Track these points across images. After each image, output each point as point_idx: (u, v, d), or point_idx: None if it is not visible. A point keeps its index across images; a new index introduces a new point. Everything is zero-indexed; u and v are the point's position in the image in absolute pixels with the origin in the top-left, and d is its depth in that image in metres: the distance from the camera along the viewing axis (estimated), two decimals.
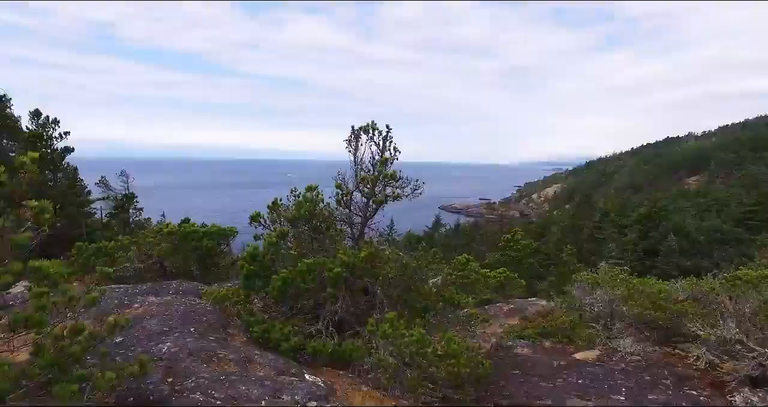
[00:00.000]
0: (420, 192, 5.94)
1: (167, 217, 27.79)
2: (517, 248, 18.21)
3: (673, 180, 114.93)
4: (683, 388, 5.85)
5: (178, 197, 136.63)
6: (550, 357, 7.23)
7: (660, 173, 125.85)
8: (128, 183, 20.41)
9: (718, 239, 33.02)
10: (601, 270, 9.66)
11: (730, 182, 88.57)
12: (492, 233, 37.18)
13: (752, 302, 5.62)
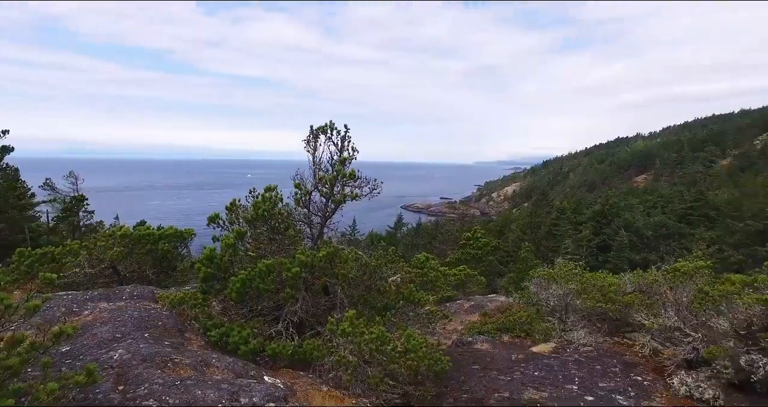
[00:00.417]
0: (378, 192, 5.98)
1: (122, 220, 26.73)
2: (478, 246, 18.58)
3: (623, 178, 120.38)
4: (630, 375, 6.17)
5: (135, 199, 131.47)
6: (508, 351, 7.44)
7: (611, 171, 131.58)
8: (77, 185, 19.44)
9: (664, 234, 34.83)
10: (557, 266, 10.01)
11: (673, 180, 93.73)
12: (453, 232, 37.72)
13: (689, 292, 5.99)
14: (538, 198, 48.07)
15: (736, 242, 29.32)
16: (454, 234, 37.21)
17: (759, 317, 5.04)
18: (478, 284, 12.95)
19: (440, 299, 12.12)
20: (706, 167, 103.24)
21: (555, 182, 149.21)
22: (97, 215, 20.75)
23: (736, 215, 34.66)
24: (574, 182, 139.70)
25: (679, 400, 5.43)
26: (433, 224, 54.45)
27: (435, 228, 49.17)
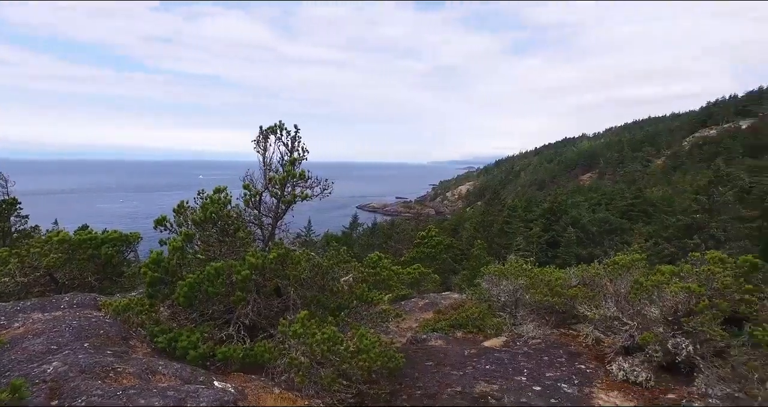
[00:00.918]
0: (329, 192, 5.96)
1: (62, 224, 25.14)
2: (432, 244, 18.87)
3: (570, 177, 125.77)
4: (574, 363, 6.47)
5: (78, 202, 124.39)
6: (461, 347, 7.62)
7: (560, 170, 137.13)
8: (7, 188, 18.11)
9: (607, 229, 36.70)
10: (508, 263, 10.34)
11: (616, 179, 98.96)
12: (408, 231, 38.11)
13: (626, 283, 6.36)
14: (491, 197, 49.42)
15: (669, 235, 31.29)
16: (409, 233, 37.61)
17: (683, 303, 5.43)
18: (433, 282, 13.16)
19: (395, 298, 12.24)
20: (644, 166, 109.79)
21: (507, 181, 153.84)
22: (32, 219, 19.43)
23: (669, 211, 37.01)
24: (525, 180, 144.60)
25: (617, 384, 5.76)
26: (388, 224, 54.79)
27: (390, 228, 49.53)
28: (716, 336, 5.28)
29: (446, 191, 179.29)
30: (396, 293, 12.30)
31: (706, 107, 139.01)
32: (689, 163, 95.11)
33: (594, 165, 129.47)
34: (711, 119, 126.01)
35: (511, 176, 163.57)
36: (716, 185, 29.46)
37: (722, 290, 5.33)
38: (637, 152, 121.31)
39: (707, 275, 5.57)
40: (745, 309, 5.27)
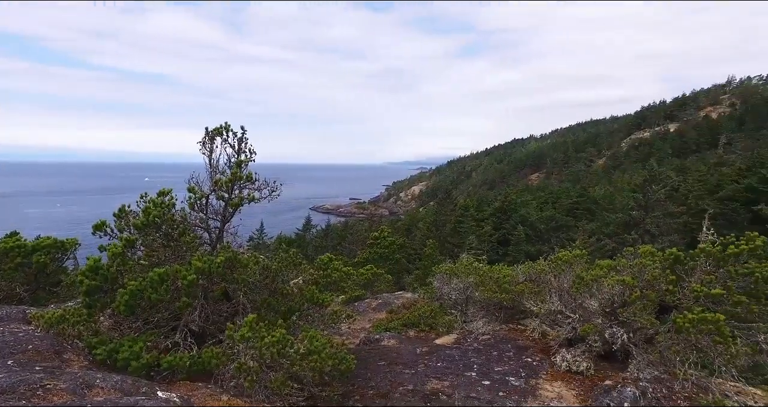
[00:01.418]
0: (278, 194, 5.89)
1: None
2: (385, 245, 18.99)
3: (519, 177, 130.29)
4: (522, 357, 6.72)
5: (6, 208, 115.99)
6: (413, 346, 7.72)
7: (509, 170, 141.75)
8: None
9: (554, 227, 38.25)
10: (459, 261, 10.58)
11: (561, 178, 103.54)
12: (362, 232, 38.18)
13: (569, 278, 6.68)
14: (443, 197, 50.35)
15: (610, 231, 33.05)
16: (363, 234, 37.67)
17: (618, 295, 5.78)
18: (386, 282, 13.26)
19: (349, 299, 12.23)
20: (587, 166, 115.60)
21: (459, 181, 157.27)
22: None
23: (610, 208, 39.09)
24: (477, 180, 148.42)
25: (560, 375, 6.03)
26: (342, 225, 54.66)
27: (344, 229, 49.45)
28: (647, 324, 5.64)
29: (400, 191, 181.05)
30: (349, 295, 12.30)
31: (641, 111, 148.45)
32: (627, 163, 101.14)
33: (541, 165, 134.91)
34: (645, 122, 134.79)
35: (462, 176, 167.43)
36: (650, 183, 31.41)
37: (651, 281, 5.70)
38: (581, 153, 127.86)
39: (639, 268, 5.94)
40: (670, 297, 5.66)
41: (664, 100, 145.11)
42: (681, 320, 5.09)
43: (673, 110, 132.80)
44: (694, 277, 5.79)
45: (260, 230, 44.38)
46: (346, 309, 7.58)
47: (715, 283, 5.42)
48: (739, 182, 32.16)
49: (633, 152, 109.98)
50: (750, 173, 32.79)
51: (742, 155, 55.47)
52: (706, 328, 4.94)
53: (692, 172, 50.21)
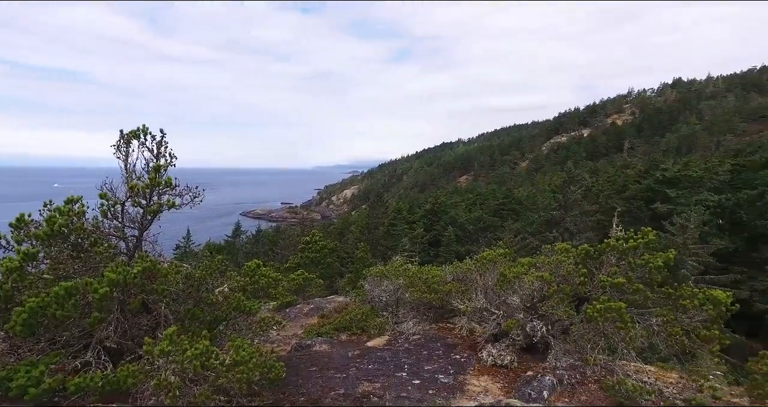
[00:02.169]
0: (201, 200, 5.64)
1: None
2: (316, 249, 18.83)
3: (449, 179, 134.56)
4: (451, 355, 6.94)
5: None
6: (345, 349, 7.72)
7: (439, 173, 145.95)
8: None
9: (482, 227, 39.85)
10: (390, 263, 10.72)
11: (488, 180, 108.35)
12: (294, 237, 37.55)
13: (493, 276, 7.01)
14: (375, 200, 50.76)
15: (533, 230, 35.05)
16: (295, 239, 37.04)
17: (538, 290, 6.16)
18: (317, 286, 13.14)
19: (280, 306, 11.98)
20: (512, 169, 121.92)
21: (390, 184, 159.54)
22: None
23: (533, 208, 41.42)
24: (408, 183, 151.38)
25: (487, 369, 6.31)
26: (273, 230, 53.41)
27: (275, 234, 48.39)
28: (563, 316, 6.06)
29: (332, 195, 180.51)
30: (281, 301, 12.05)
31: (558, 117, 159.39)
32: (547, 165, 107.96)
33: (469, 168, 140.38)
34: (562, 127, 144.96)
35: (394, 179, 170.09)
36: (568, 184, 33.72)
37: (566, 276, 6.14)
38: (506, 156, 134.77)
39: (556, 264, 6.37)
40: (582, 289, 6.12)
41: (578, 108, 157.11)
42: (591, 310, 5.52)
43: (585, 117, 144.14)
44: (603, 270, 6.30)
45: (187, 237, 42.32)
46: (276, 316, 7.42)
47: (618, 274, 5.93)
48: (640, 183, 35.39)
49: (552, 155, 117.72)
50: (648, 175, 36.21)
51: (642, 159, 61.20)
52: (611, 316, 5.39)
53: (603, 173, 54.58)
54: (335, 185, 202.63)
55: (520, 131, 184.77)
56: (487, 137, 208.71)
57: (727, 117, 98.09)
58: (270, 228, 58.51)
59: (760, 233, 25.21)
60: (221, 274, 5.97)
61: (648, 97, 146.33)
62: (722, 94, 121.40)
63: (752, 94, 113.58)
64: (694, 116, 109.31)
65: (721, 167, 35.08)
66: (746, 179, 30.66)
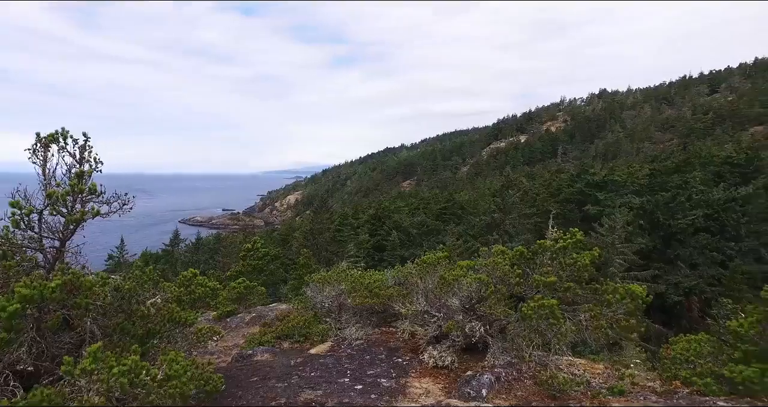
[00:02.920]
0: (130, 207, 5.34)
1: None
2: (258, 256, 18.39)
3: (392, 184, 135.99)
4: (393, 358, 7.00)
5: None
6: (287, 358, 7.58)
7: (383, 178, 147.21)
8: None
9: (425, 231, 40.56)
10: (332, 269, 10.65)
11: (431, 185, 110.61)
12: (236, 244, 36.46)
13: (433, 279, 7.15)
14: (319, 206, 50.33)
15: (475, 233, 36.11)
16: (237, 246, 35.96)
17: (476, 292, 6.37)
18: (260, 294, 12.82)
19: (221, 315, 11.57)
20: (453, 173, 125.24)
21: (334, 189, 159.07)
22: None
23: (474, 212, 42.76)
24: (352, 188, 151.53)
25: (428, 371, 6.42)
26: (214, 238, 51.60)
27: (216, 242, 46.80)
28: (500, 315, 6.29)
29: (275, 201, 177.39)
30: (221, 310, 11.64)
31: (497, 124, 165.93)
32: (487, 170, 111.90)
33: (413, 173, 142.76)
34: (501, 133, 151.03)
35: (338, 185, 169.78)
36: (507, 188, 35.13)
37: (503, 277, 6.38)
38: (448, 161, 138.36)
39: (493, 266, 6.60)
40: (518, 289, 6.40)
41: (516, 115, 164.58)
42: (525, 308, 5.77)
43: (522, 124, 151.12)
44: (536, 270, 6.61)
45: (120, 247, 39.96)
46: (215, 326, 7.16)
47: (550, 273, 6.25)
48: (572, 187, 37.50)
49: (492, 161, 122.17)
50: (579, 179, 38.46)
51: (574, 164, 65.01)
52: (544, 313, 5.67)
53: (539, 178, 57.37)
54: (278, 191, 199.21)
55: (462, 137, 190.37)
56: (430, 143, 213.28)
57: (645, 126, 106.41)
58: (210, 236, 56.47)
59: (673, 232, 27.46)
60: (154, 285, 5.68)
61: (578, 106, 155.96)
62: (640, 105, 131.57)
63: (663, 106, 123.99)
64: (618, 125, 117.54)
65: (641, 172, 37.95)
66: (661, 182, 33.36)
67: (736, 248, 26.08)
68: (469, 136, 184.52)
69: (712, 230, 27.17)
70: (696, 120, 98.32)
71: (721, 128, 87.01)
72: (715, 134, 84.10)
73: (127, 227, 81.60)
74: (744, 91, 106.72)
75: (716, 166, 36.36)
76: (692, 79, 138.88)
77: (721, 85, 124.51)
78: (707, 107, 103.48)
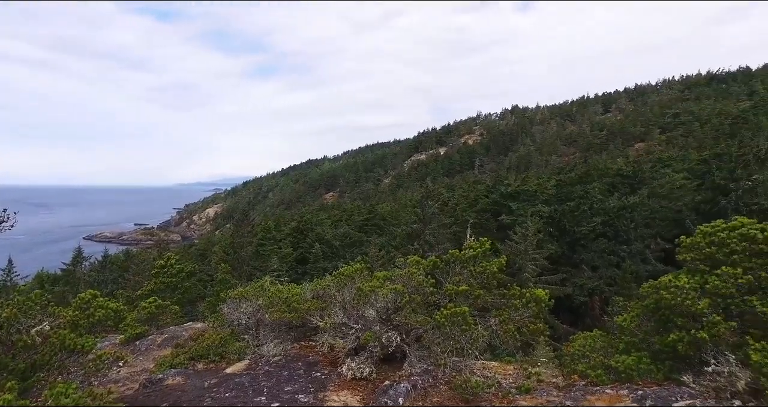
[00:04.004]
0: (11, 226, 4.81)
1: None
2: (172, 273, 17.31)
3: (315, 196, 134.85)
4: (311, 373, 6.91)
5: None
6: (202, 379, 7.21)
7: (305, 190, 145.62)
8: None
9: (348, 243, 40.58)
10: (250, 284, 10.31)
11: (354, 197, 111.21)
12: (149, 261, 34.01)
13: (351, 291, 7.19)
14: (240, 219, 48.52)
15: (397, 244, 36.75)
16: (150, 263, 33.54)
17: (392, 302, 6.50)
18: (173, 314, 12.06)
19: (129, 338, 10.72)
20: (376, 185, 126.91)
21: (256, 201, 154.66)
22: None
23: (396, 223, 43.55)
24: (274, 201, 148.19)
25: (347, 384, 6.41)
26: (124, 255, 47.72)
27: (127, 259, 43.33)
28: (416, 324, 6.46)
29: (193, 214, 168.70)
30: (129, 333, 10.78)
31: (417, 136, 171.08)
32: (409, 181, 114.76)
33: (335, 185, 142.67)
34: (421, 146, 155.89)
35: (260, 197, 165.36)
36: (427, 199, 36.20)
37: (418, 286, 6.58)
38: (370, 173, 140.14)
39: (408, 276, 6.78)
40: (432, 298, 6.63)
41: (435, 128, 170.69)
42: (439, 316, 5.99)
43: (441, 137, 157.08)
44: (449, 279, 6.89)
45: (7, 269, 35.47)
46: (119, 351, 6.62)
47: (462, 281, 6.55)
48: (488, 197, 39.56)
49: (413, 172, 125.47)
50: (494, 190, 40.70)
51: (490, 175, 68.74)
52: (457, 320, 5.92)
53: (458, 189, 59.80)
54: (197, 204, 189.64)
55: (384, 149, 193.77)
56: (352, 155, 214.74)
57: (552, 140, 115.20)
58: (120, 252, 52.12)
59: (578, 238, 29.91)
60: (42, 310, 5.15)
61: (493, 120, 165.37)
62: (548, 121, 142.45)
63: (567, 123, 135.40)
64: (529, 139, 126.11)
65: (549, 183, 40.93)
66: (566, 192, 36.24)
67: (627, 251, 28.92)
68: (390, 148, 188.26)
69: (609, 236, 29.95)
70: (593, 136, 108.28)
71: (613, 144, 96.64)
72: (609, 149, 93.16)
73: (16, 246, 73.15)
74: (628, 112, 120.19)
75: (611, 177, 40.18)
76: (589, 99, 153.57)
77: (612, 106, 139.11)
78: (602, 125, 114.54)
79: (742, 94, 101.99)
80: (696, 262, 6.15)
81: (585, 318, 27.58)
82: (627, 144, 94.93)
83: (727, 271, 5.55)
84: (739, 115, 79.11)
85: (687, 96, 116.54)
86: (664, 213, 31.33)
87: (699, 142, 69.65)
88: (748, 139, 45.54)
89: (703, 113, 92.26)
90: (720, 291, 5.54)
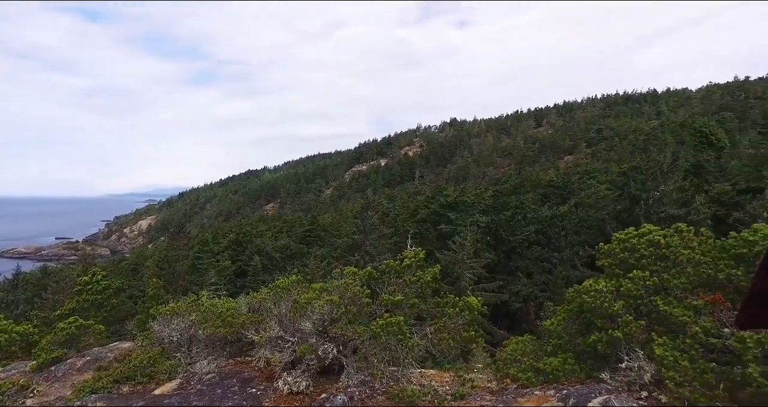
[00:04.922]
0: None
1: None
2: (98, 290, 16.18)
3: (255, 207, 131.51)
4: (247, 389, 6.74)
5: None
6: (127, 403, 6.83)
7: (245, 201, 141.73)
8: None
9: (288, 255, 39.86)
10: (184, 299, 9.89)
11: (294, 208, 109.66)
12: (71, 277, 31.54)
13: (287, 304, 7.12)
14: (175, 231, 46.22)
15: (338, 255, 36.58)
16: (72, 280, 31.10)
17: (328, 314, 6.52)
18: (97, 334, 11.25)
19: (42, 364, 9.88)
20: (317, 196, 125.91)
21: (192, 213, 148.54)
22: None
23: (337, 234, 43.37)
24: (211, 212, 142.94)
25: (283, 398, 6.32)
26: (41, 272, 43.94)
27: (44, 276, 39.91)
28: (353, 336, 6.50)
29: (124, 227, 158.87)
30: (43, 358, 9.93)
31: (358, 148, 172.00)
32: (350, 192, 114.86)
33: (276, 195, 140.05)
34: (362, 157, 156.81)
35: (196, 209, 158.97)
36: (367, 210, 36.37)
37: (354, 298, 6.64)
38: (311, 184, 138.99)
39: (344, 287, 6.83)
40: (368, 309, 6.71)
41: (376, 139, 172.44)
42: (374, 327, 6.07)
43: (382, 148, 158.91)
44: (385, 289, 7.00)
45: None
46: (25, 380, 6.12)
47: (397, 292, 6.69)
48: (428, 208, 40.43)
49: (354, 183, 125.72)
50: (434, 201, 41.68)
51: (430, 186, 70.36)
52: (392, 330, 6.03)
53: (398, 199, 60.64)
54: (128, 216, 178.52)
55: (325, 160, 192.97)
56: (293, 165, 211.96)
57: (489, 153, 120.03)
58: (36, 269, 47.89)
59: (513, 247, 31.25)
60: None
61: (432, 133, 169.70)
62: (485, 134, 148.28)
63: (503, 136, 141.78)
64: (467, 151, 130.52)
65: (486, 194, 42.53)
66: (502, 203, 37.83)
67: (558, 258, 30.59)
68: (332, 159, 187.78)
69: (542, 243, 31.53)
70: (527, 149, 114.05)
71: (545, 156, 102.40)
72: (541, 161, 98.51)
73: None
74: (558, 126, 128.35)
75: (543, 188, 42.45)
76: (523, 114, 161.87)
77: (544, 120, 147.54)
78: (535, 138, 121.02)
79: (652, 113, 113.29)
80: (613, 267, 6.70)
81: (521, 324, 28.73)
82: (557, 157, 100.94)
83: (637, 274, 6.08)
84: (650, 132, 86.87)
85: (608, 113, 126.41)
86: (591, 222, 33.53)
87: (619, 155, 75.39)
88: (655, 154, 49.93)
89: (622, 130, 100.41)
90: (632, 293, 6.06)
